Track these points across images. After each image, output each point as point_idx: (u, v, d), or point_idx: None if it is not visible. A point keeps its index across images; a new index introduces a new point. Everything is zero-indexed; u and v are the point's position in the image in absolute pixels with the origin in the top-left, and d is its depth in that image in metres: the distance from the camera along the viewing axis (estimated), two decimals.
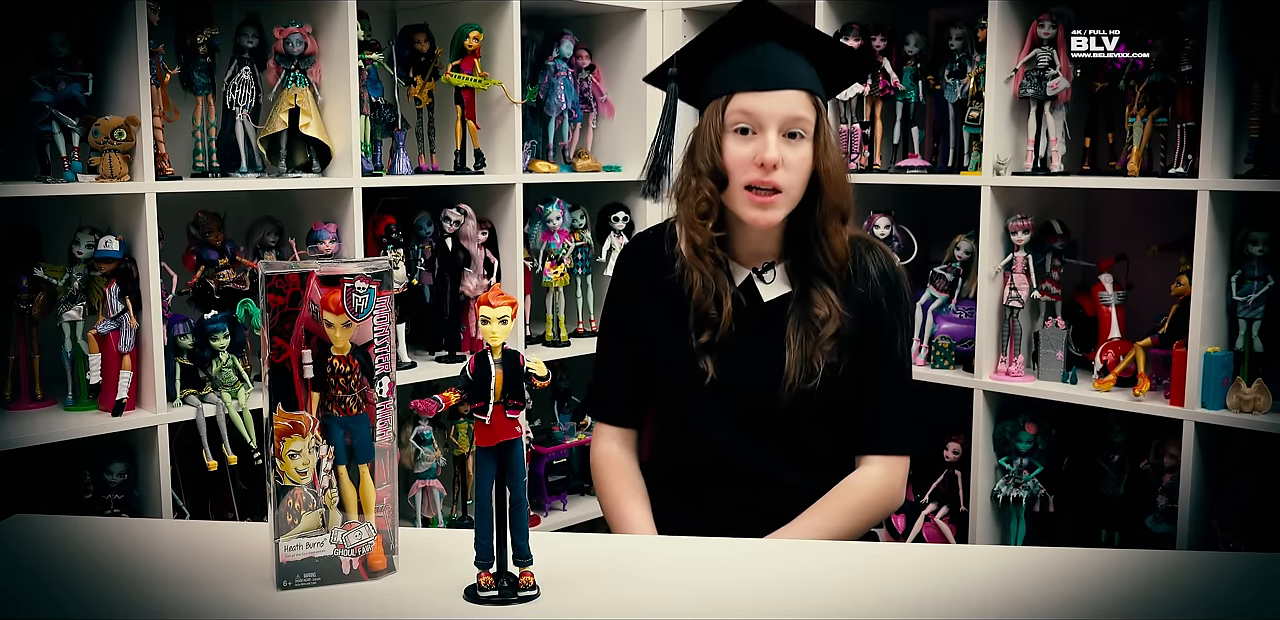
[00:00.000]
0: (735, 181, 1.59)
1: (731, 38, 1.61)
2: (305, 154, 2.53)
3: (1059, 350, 2.63)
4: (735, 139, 1.58)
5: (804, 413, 1.65)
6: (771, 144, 1.56)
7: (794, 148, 1.57)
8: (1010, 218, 2.63)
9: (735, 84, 1.59)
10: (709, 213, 1.62)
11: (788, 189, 1.58)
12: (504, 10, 2.74)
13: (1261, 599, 1.28)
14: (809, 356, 1.61)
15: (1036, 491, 2.66)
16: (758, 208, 1.58)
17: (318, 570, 1.27)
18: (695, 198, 1.62)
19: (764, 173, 1.56)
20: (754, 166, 1.56)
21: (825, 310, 1.62)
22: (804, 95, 1.58)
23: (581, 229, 3.03)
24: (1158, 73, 2.45)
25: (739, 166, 1.58)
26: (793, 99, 1.57)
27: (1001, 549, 2.24)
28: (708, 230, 1.62)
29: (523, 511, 1.24)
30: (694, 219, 1.62)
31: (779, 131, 1.57)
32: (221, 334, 2.33)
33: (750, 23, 1.60)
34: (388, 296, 1.27)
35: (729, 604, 1.24)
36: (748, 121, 1.57)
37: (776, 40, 1.60)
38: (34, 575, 1.32)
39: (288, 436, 1.24)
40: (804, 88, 1.58)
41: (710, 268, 1.64)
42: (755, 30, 1.60)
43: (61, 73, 2.19)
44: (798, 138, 1.58)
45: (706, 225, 1.62)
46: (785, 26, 1.60)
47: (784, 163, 1.56)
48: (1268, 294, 2.34)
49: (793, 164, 1.57)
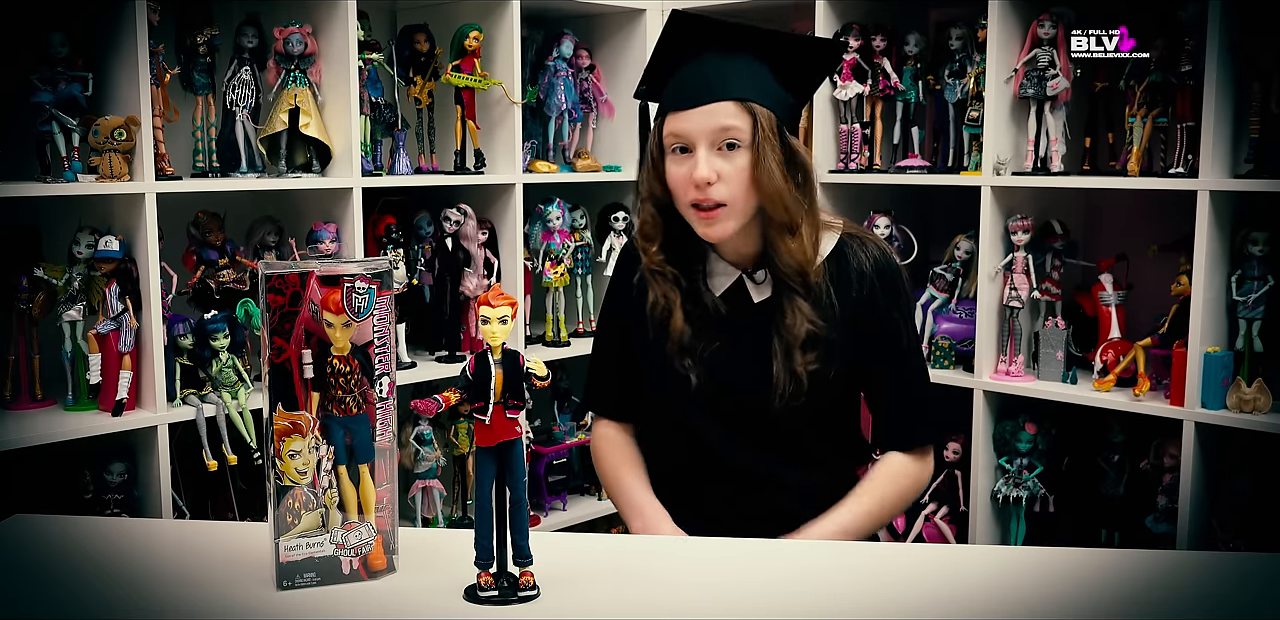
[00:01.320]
0: (680, 202, 1.59)
1: (670, 54, 1.59)
2: (305, 154, 2.53)
3: (1059, 350, 2.63)
4: (674, 159, 1.57)
5: (798, 419, 1.64)
6: (701, 161, 1.53)
7: (730, 159, 1.54)
8: (1010, 218, 2.63)
9: (667, 104, 1.58)
10: (653, 236, 1.63)
11: (731, 201, 1.55)
12: (504, 10, 2.74)
13: (1261, 599, 1.28)
14: (792, 369, 1.59)
15: (1036, 491, 2.66)
16: (705, 223, 1.57)
17: (318, 570, 1.27)
18: (640, 220, 1.64)
19: (701, 191, 1.55)
20: (691, 186, 1.55)
21: (791, 318, 1.60)
22: (732, 105, 1.53)
23: (581, 229, 3.03)
24: (1158, 73, 2.45)
25: (679, 186, 1.57)
26: (719, 111, 1.53)
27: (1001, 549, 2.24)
28: (654, 252, 1.63)
29: (523, 511, 1.24)
30: (642, 242, 1.64)
31: (711, 146, 1.54)
32: (221, 334, 2.33)
33: (684, 36, 1.57)
34: (388, 296, 1.27)
35: (729, 604, 1.24)
36: (680, 141, 1.56)
37: (714, 50, 1.56)
38: (34, 575, 1.32)
39: (288, 436, 1.24)
40: (731, 97, 1.54)
41: (662, 288, 1.64)
42: (686, 45, 1.57)
43: (61, 73, 2.19)
44: (735, 148, 1.54)
45: (652, 247, 1.63)
46: (720, 34, 1.56)
47: (721, 176, 1.54)
48: (1268, 294, 2.34)
49: (729, 176, 1.54)
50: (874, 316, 1.65)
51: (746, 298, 1.66)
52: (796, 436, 1.66)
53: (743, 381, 1.63)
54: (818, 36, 2.74)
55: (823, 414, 1.66)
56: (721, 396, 1.64)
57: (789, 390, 1.59)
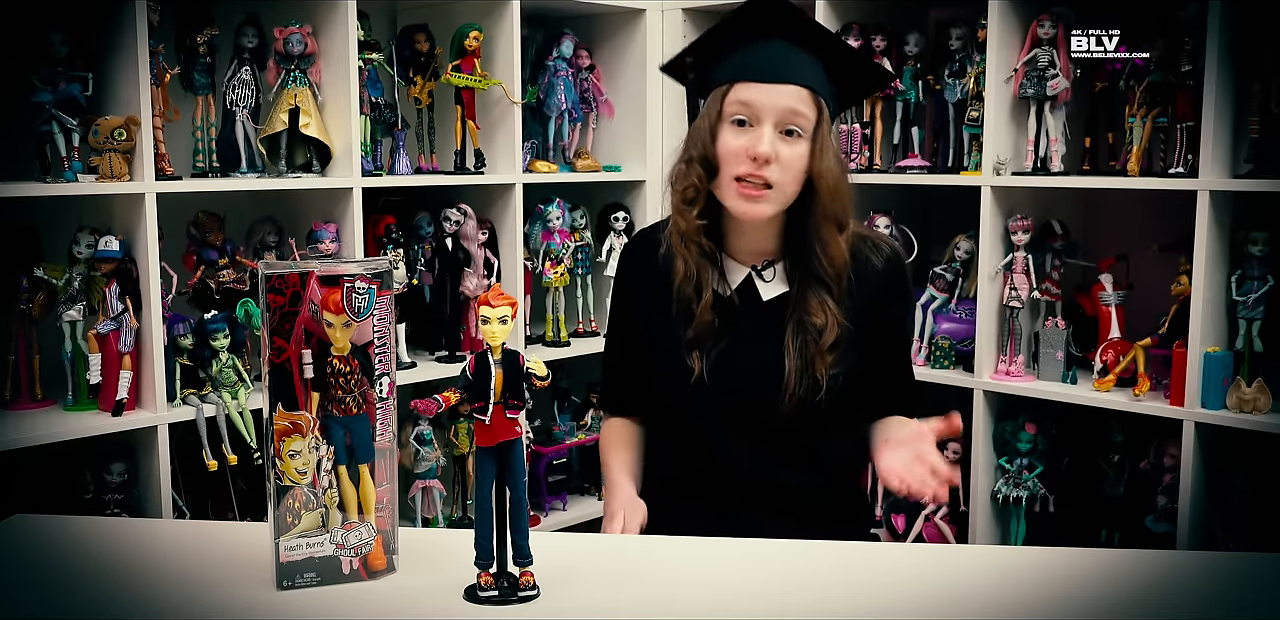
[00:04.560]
0: (726, 172, 1.58)
1: (741, 30, 1.60)
2: (305, 154, 2.53)
3: (1059, 350, 2.63)
4: (731, 130, 1.57)
5: (805, 419, 1.64)
6: (766, 137, 1.54)
7: (789, 145, 1.56)
8: (1010, 218, 2.63)
9: (737, 73, 1.58)
10: (695, 200, 1.61)
11: (779, 185, 1.56)
12: (504, 10, 2.74)
13: (1261, 599, 1.28)
14: (810, 366, 1.59)
15: (1036, 491, 2.66)
16: (746, 200, 1.57)
17: (318, 570, 1.27)
18: (683, 184, 1.62)
19: (755, 166, 1.55)
20: (746, 159, 1.55)
21: (822, 318, 1.60)
22: (805, 92, 1.56)
23: (581, 229, 3.03)
24: (1158, 73, 2.45)
25: (731, 157, 1.57)
26: (792, 94, 1.55)
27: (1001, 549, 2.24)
28: (693, 216, 1.62)
29: (523, 511, 1.24)
30: (680, 205, 1.63)
31: (776, 126, 1.55)
32: (221, 334, 2.33)
33: (761, 17, 1.59)
34: (388, 296, 1.27)
35: (729, 604, 1.24)
36: (745, 113, 1.56)
37: (786, 37, 1.58)
38: (34, 575, 1.32)
39: (288, 436, 1.24)
40: (806, 84, 1.56)
41: (695, 256, 1.63)
42: (765, 25, 1.59)
43: (61, 73, 2.19)
44: (795, 136, 1.56)
45: (692, 212, 1.61)
46: (797, 24, 1.59)
47: (778, 158, 1.55)
48: (1268, 294, 2.34)
49: (786, 160, 1.55)
50: (880, 314, 1.66)
51: (755, 296, 1.66)
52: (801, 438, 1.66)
53: (749, 378, 1.63)
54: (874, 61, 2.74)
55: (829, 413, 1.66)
56: (728, 392, 1.64)
57: (801, 391, 1.59)
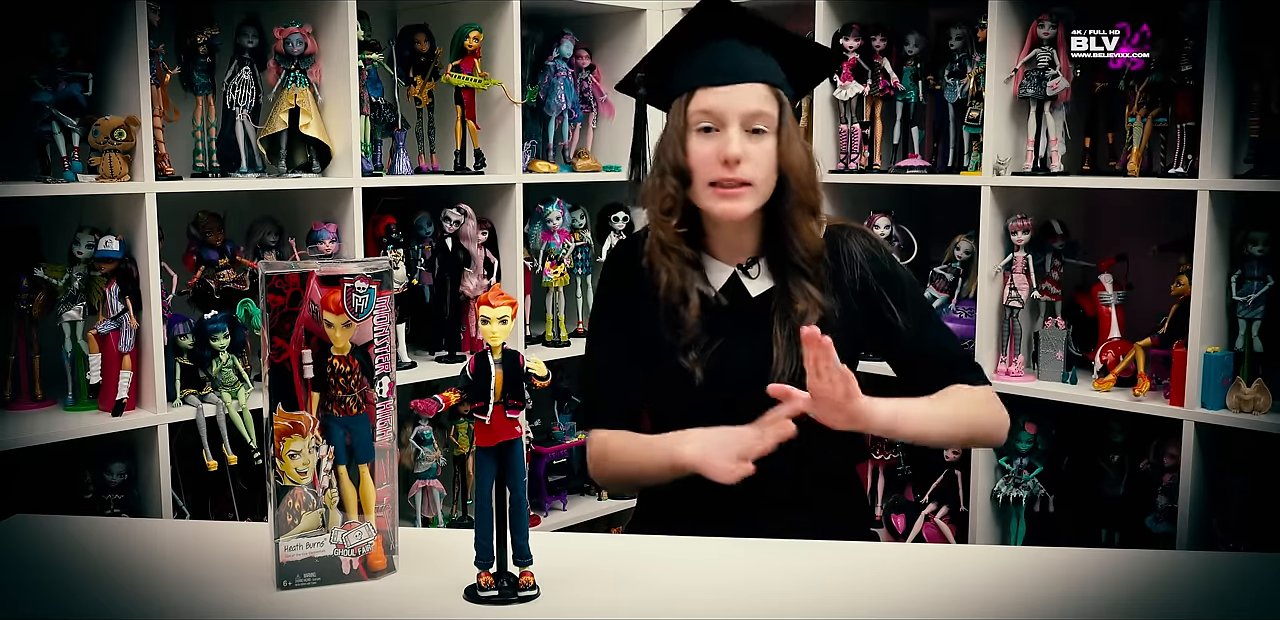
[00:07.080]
0: (701, 179, 1.59)
1: (690, 36, 1.62)
2: (305, 154, 2.53)
3: (1059, 350, 2.63)
4: (699, 138, 1.59)
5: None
6: (734, 139, 1.56)
7: (757, 142, 1.58)
8: (1010, 218, 2.63)
9: (695, 80, 1.59)
10: (673, 210, 1.63)
11: (755, 182, 1.58)
12: (504, 10, 2.74)
13: (1261, 599, 1.28)
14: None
15: (1036, 491, 2.66)
16: (725, 200, 1.58)
17: (318, 570, 1.27)
18: (659, 194, 1.63)
19: (728, 170, 1.56)
20: (718, 164, 1.57)
21: (803, 304, 1.62)
22: (764, 88, 1.58)
23: (581, 229, 3.03)
24: (1158, 73, 2.45)
25: (704, 164, 1.58)
26: (752, 93, 1.57)
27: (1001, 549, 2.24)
28: (672, 227, 1.63)
29: (523, 511, 1.24)
30: (660, 216, 1.64)
31: (741, 127, 1.57)
32: (221, 334, 2.33)
33: (707, 20, 1.61)
34: (388, 296, 1.27)
35: (729, 604, 1.25)
36: (709, 120, 1.58)
37: (736, 36, 1.60)
38: (34, 575, 1.33)
39: (288, 436, 1.24)
40: (764, 80, 1.58)
41: (677, 264, 1.64)
42: (713, 28, 1.61)
43: (61, 73, 2.19)
44: (761, 133, 1.58)
45: (670, 222, 1.63)
46: (744, 22, 1.61)
47: (748, 157, 1.56)
48: (1268, 294, 2.34)
49: (757, 157, 1.57)
50: (874, 295, 1.67)
51: (743, 293, 1.67)
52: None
53: (745, 374, 1.63)
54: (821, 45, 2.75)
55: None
56: (725, 389, 1.64)
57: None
